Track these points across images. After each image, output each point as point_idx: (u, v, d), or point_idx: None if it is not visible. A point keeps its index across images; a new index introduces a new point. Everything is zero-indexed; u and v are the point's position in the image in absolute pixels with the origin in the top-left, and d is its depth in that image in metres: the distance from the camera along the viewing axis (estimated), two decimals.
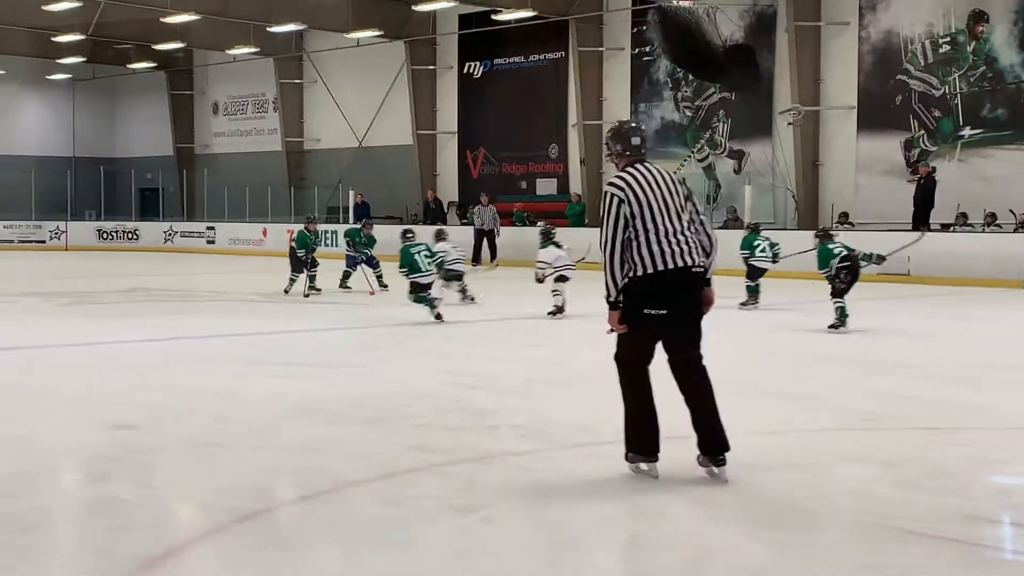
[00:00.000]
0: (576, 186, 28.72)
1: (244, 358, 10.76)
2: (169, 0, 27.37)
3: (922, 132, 23.55)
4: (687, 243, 5.75)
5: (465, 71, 31.50)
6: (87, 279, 21.91)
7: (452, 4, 27.14)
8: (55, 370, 10.07)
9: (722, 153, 26.64)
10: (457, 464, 6.38)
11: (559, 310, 14.00)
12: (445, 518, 5.39)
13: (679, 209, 5.79)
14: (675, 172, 22.37)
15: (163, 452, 6.72)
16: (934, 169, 22.21)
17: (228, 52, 34.72)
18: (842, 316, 12.50)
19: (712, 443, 5.80)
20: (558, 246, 14.44)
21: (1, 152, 38.89)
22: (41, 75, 39.43)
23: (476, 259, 25.95)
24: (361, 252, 18.39)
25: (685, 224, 5.78)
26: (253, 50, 33.65)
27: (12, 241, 34.57)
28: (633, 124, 6.27)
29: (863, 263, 12.62)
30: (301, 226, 18.58)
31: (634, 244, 5.71)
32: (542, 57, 29.85)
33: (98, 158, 40.68)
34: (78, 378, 9.54)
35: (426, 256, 13.85)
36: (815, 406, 8.31)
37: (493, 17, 28.62)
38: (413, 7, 28.97)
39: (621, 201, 5.72)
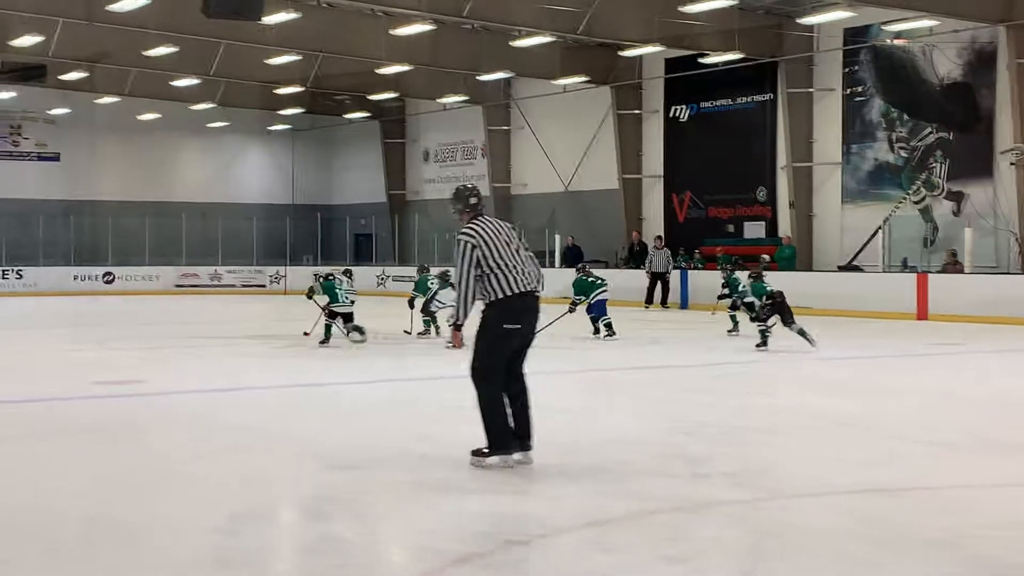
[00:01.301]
0: (785, 229, 28.23)
1: (457, 400, 10.91)
2: (384, 52, 28.25)
3: None
4: (528, 274, 7.44)
5: (671, 114, 31.43)
6: (305, 322, 22.65)
7: (658, 49, 27.16)
8: (279, 411, 10.42)
9: (940, 195, 25.74)
10: (668, 512, 6.32)
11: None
12: (655, 568, 5.32)
13: (517, 249, 7.46)
14: (890, 214, 22.18)
15: (380, 493, 6.87)
16: None
17: (439, 101, 35.59)
18: (765, 339, 15.38)
19: (529, 432, 7.47)
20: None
21: (227, 200, 40.80)
22: (263, 126, 41.25)
23: (648, 300, 26.10)
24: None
25: (523, 260, 7.46)
26: (463, 98, 34.43)
27: (235, 285, 36.19)
28: (470, 187, 7.91)
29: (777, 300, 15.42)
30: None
31: (491, 277, 7.30)
32: (749, 99, 29.53)
33: (315, 205, 42.22)
34: (300, 419, 9.85)
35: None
36: None
37: (700, 60, 28.51)
38: (619, 53, 29.12)
39: (474, 246, 7.34)
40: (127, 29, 26.23)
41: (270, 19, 23.32)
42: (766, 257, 24.10)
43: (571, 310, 17.20)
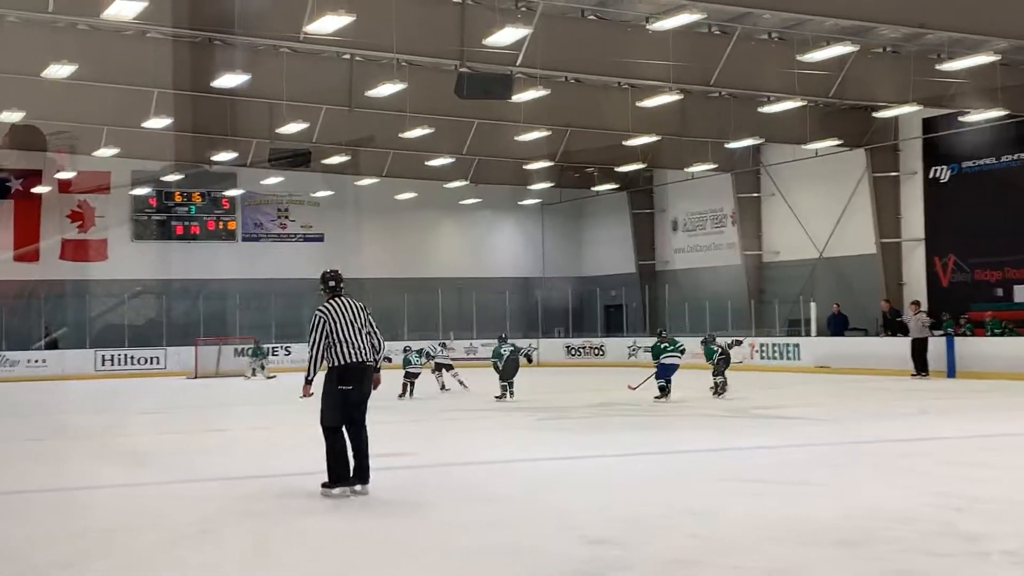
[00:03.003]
0: None
1: (714, 474, 10.74)
2: (631, 123, 28.45)
3: None
4: (364, 346, 9.43)
5: (931, 175, 30.33)
6: (559, 394, 22.84)
7: (916, 109, 26.30)
8: (539, 482, 10.50)
9: None
10: None
11: None
12: None
13: (360, 326, 9.44)
14: None
15: (640, 569, 6.78)
16: None
17: (687, 170, 35.52)
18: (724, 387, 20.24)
19: (365, 474, 9.40)
20: None
21: (480, 275, 41.77)
22: (514, 201, 42.11)
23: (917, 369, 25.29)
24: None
25: (363, 336, 9.43)
26: (711, 167, 34.23)
27: (488, 358, 36.80)
28: (331, 272, 9.69)
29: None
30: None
31: (335, 347, 9.35)
32: (1015, 157, 28.20)
33: (565, 277, 42.71)
34: (557, 491, 9.88)
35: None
36: None
37: (960, 119, 27.46)
38: (874, 114, 28.39)
39: (324, 320, 9.38)
40: (385, 113, 27.38)
41: (519, 97, 23.89)
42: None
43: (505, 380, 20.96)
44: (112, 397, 24.03)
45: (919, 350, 25.88)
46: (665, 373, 19.98)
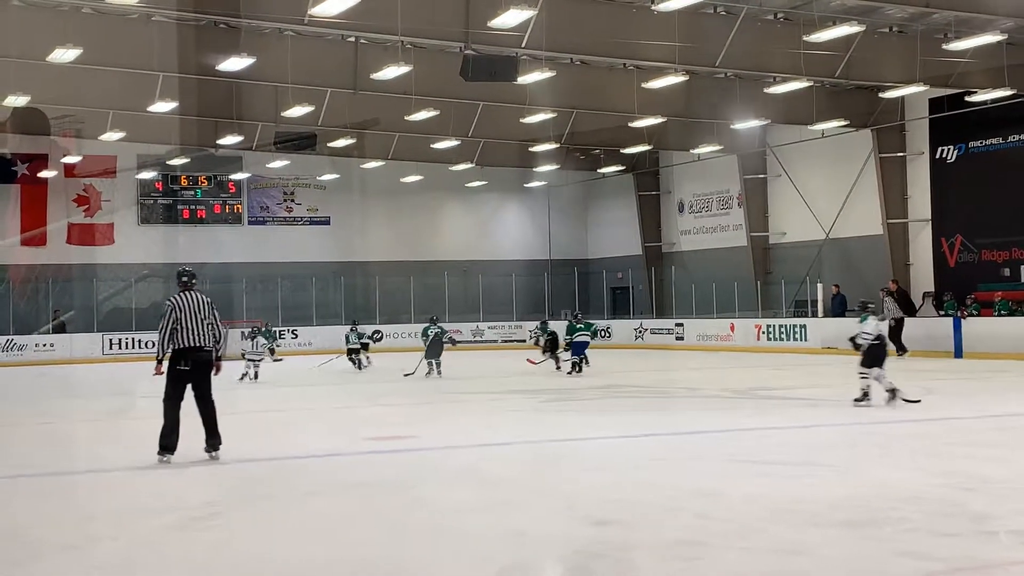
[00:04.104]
0: None
1: (722, 456, 10.75)
2: (637, 105, 28.38)
3: None
4: (204, 334, 10.74)
5: (937, 156, 30.23)
6: (565, 377, 22.86)
7: (922, 89, 26.20)
8: (542, 464, 10.52)
9: None
10: (953, 573, 5.99)
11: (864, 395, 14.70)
12: None
13: (203, 317, 10.76)
14: None
15: (645, 549, 6.80)
16: None
17: (693, 151, 35.44)
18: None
19: (215, 441, 10.75)
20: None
21: (486, 258, 41.79)
22: (520, 183, 42.07)
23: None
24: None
25: (205, 326, 10.75)
26: (717, 148, 34.14)
27: (496, 341, 36.90)
28: (185, 270, 11.12)
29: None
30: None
31: (178, 332, 10.68)
32: (1022, 137, 28.10)
33: (572, 259, 42.68)
34: (563, 473, 9.91)
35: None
36: None
37: (967, 99, 27.36)
38: (880, 95, 28.28)
39: (172, 309, 10.75)
40: (390, 96, 27.34)
41: (525, 79, 23.82)
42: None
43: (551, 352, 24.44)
44: (119, 380, 24.07)
45: (894, 332, 25.76)
46: (578, 350, 23.22)
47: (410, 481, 9.54)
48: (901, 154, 31.18)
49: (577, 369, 22.93)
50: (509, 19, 19.82)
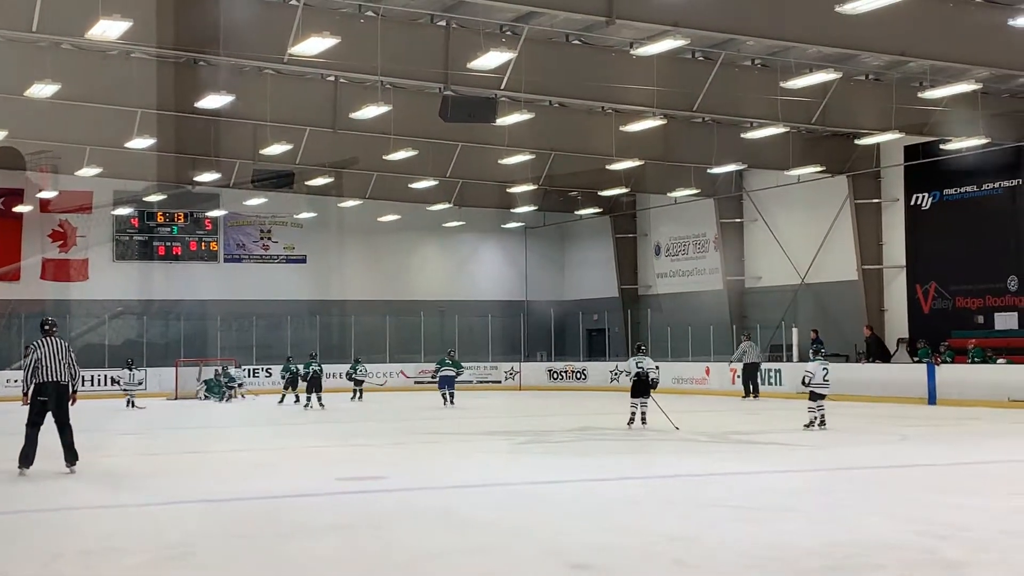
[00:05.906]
0: None
1: (698, 500, 10.72)
2: (615, 148, 28.51)
3: None
4: (60, 371, 12.83)
5: (912, 203, 30.46)
6: (540, 418, 22.81)
7: (897, 136, 26.43)
8: (518, 507, 10.45)
9: None
10: None
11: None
12: None
13: (61, 357, 12.90)
14: None
15: None
16: None
17: (670, 195, 35.58)
18: None
19: (71, 457, 12.89)
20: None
21: (463, 297, 41.74)
22: (497, 224, 42.10)
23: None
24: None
25: (62, 365, 12.87)
26: (694, 192, 34.29)
27: (471, 381, 36.79)
28: (45, 319, 13.30)
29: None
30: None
31: (39, 370, 12.78)
32: (996, 185, 28.35)
33: (548, 301, 42.69)
34: (539, 517, 9.84)
35: None
36: None
37: (942, 147, 27.60)
38: (856, 141, 28.51)
39: (34, 351, 12.95)
40: (369, 135, 27.38)
41: (503, 121, 23.91)
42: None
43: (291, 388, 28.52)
44: (91, 418, 23.85)
45: (749, 374, 26.87)
46: (444, 385, 27.53)
47: (385, 523, 9.47)
48: (876, 200, 31.41)
49: (447, 401, 26.85)
50: (488, 61, 19.93)
